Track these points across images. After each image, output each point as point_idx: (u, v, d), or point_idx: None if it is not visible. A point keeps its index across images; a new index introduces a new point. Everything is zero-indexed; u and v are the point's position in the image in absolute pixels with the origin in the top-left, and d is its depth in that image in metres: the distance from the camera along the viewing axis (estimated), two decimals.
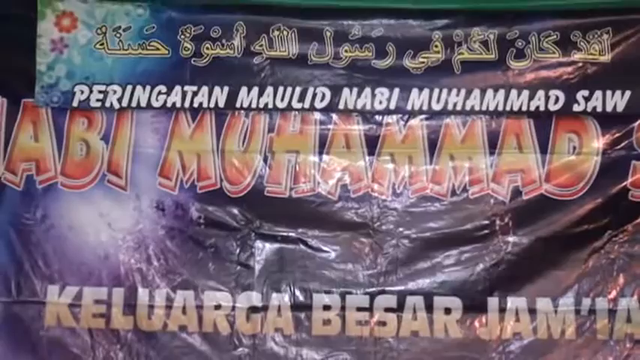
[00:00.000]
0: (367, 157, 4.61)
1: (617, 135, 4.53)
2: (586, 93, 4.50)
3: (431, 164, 4.61)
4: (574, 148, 4.56)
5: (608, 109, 4.49)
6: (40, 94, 4.53)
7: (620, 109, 4.50)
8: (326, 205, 4.62)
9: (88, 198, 4.61)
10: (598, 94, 4.50)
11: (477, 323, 4.54)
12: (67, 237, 4.62)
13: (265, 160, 4.60)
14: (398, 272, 4.62)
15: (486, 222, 4.60)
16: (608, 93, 4.50)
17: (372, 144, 4.59)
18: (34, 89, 4.52)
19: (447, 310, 4.54)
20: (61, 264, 4.63)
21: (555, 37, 4.49)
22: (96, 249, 4.59)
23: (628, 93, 4.50)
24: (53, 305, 4.60)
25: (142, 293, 4.58)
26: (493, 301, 4.53)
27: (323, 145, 4.60)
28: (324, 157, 4.60)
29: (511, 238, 4.57)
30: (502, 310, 4.53)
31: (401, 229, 4.62)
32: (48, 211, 4.63)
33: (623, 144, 4.54)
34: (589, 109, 4.49)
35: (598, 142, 4.52)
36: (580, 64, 4.52)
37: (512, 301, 4.54)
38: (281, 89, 4.56)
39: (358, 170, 4.60)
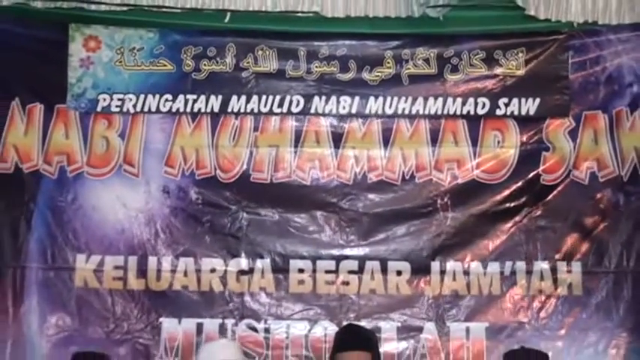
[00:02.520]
0: (333, 150, 5.24)
1: (531, 132, 5.22)
2: (506, 100, 5.21)
3: (385, 156, 5.24)
4: (498, 142, 5.24)
5: (523, 112, 5.21)
6: (71, 101, 5.17)
7: (532, 112, 5.21)
8: (300, 188, 5.24)
9: (107, 184, 5.23)
10: (515, 100, 5.21)
11: (422, 283, 5.20)
12: (92, 215, 5.21)
13: (251, 153, 5.22)
14: (359, 242, 5.25)
15: (430, 201, 5.25)
16: (523, 100, 5.21)
17: (337, 140, 5.23)
18: (66, 97, 5.17)
19: (399, 272, 5.20)
20: (87, 237, 5.20)
21: (482, 55, 5.20)
22: (114, 225, 5.19)
23: (538, 100, 5.21)
24: (81, 271, 5.17)
25: (152, 260, 5.19)
26: (435, 265, 5.20)
27: (298, 140, 5.23)
28: (299, 150, 5.23)
29: (449, 214, 5.24)
30: (442, 272, 5.19)
31: (361, 207, 5.26)
32: (76, 195, 5.22)
33: (535, 139, 5.22)
34: (508, 113, 5.22)
35: (516, 138, 5.21)
36: (501, 77, 5.23)
37: (450, 265, 5.20)
38: (264, 97, 5.21)
39: (326, 161, 5.25)
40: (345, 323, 5.02)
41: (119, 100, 5.23)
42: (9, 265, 5.17)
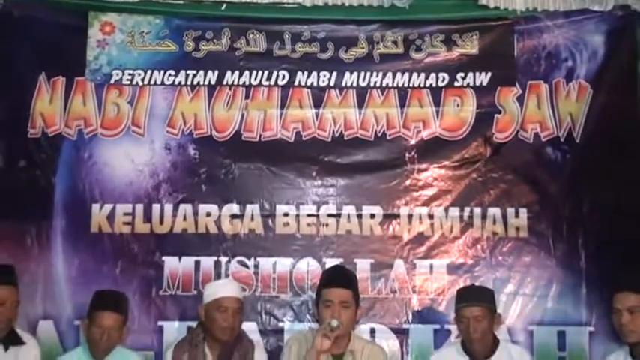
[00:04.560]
0: (314, 112, 5.59)
1: (485, 98, 5.59)
2: (463, 74, 5.60)
3: (359, 116, 5.59)
4: (457, 105, 5.59)
5: (478, 83, 5.59)
6: (89, 75, 5.54)
7: (485, 83, 5.59)
8: (285, 145, 5.57)
9: (118, 143, 5.55)
10: (470, 74, 5.60)
11: (392, 225, 5.53)
12: (105, 170, 5.53)
13: (242, 115, 5.55)
14: (337, 189, 5.59)
15: (399, 155, 5.57)
16: (477, 73, 5.59)
17: (317, 104, 5.58)
18: (85, 72, 5.54)
19: (372, 216, 5.52)
20: (101, 189, 5.52)
21: (442, 38, 5.62)
22: (123, 178, 5.52)
23: (490, 73, 5.59)
24: (96, 217, 5.48)
25: (155, 207, 5.51)
26: (404, 210, 5.54)
27: (283, 105, 5.57)
28: (284, 112, 5.58)
29: (416, 166, 5.57)
30: (410, 216, 5.53)
31: (339, 160, 5.59)
32: (92, 154, 5.54)
33: (488, 104, 5.59)
34: (465, 84, 5.59)
35: (473, 102, 5.58)
36: (458, 55, 5.63)
37: (417, 210, 5.53)
38: (254, 72, 5.57)
39: (308, 121, 5.60)
40: (324, 260, 5.45)
41: (129, 74, 5.59)
42: (38, 217, 5.46)
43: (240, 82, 5.65)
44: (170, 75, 5.64)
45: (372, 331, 5.42)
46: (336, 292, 4.43)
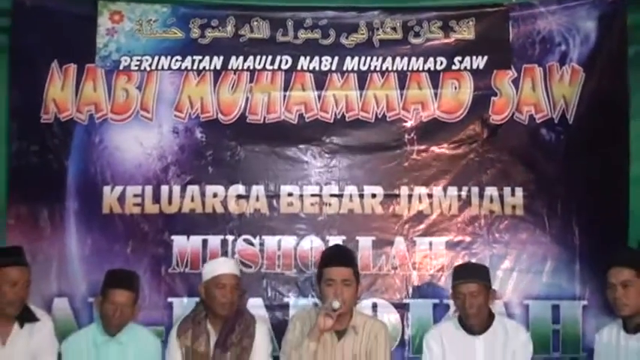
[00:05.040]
0: (316, 94, 5.67)
1: (481, 81, 5.67)
2: (460, 58, 5.68)
3: (361, 99, 5.67)
4: (455, 88, 5.66)
5: (474, 66, 5.68)
6: (98, 61, 5.63)
7: (481, 67, 5.68)
8: (289, 127, 5.66)
9: (127, 127, 5.65)
10: (467, 58, 5.68)
11: (393, 204, 5.65)
12: (115, 154, 5.64)
13: (247, 98, 5.64)
14: (339, 169, 5.68)
15: (399, 136, 5.67)
16: (474, 57, 5.68)
17: (320, 87, 5.66)
18: (95, 59, 5.64)
19: (373, 195, 5.64)
20: (111, 171, 5.64)
21: (440, 24, 5.69)
22: (133, 160, 5.63)
23: (486, 57, 5.69)
24: (107, 198, 5.61)
25: (164, 189, 5.63)
26: (404, 189, 5.64)
27: (287, 87, 5.65)
28: (287, 95, 5.66)
29: (415, 147, 5.66)
30: (410, 195, 5.64)
31: (341, 141, 5.69)
32: (102, 137, 5.65)
33: (484, 86, 5.67)
34: (462, 68, 5.67)
35: (470, 85, 5.65)
36: (455, 40, 5.72)
37: (416, 189, 5.64)
38: (258, 57, 5.65)
39: (310, 103, 5.68)
40: (328, 238, 5.61)
41: (137, 60, 5.69)
42: (51, 199, 5.60)
43: (245, 67, 5.74)
44: (177, 60, 5.74)
45: (374, 306, 5.55)
46: (338, 271, 4.59)
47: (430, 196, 5.70)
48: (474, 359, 4.77)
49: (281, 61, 5.74)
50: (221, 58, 5.74)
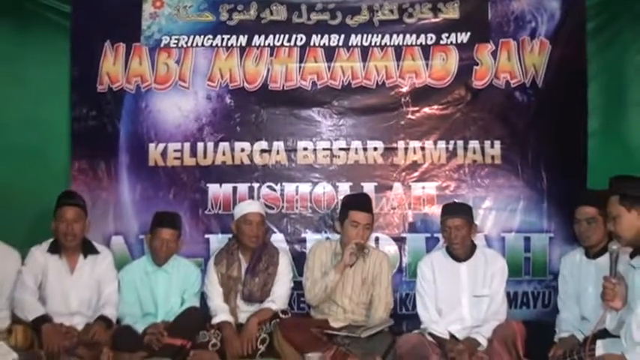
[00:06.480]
0: (326, 65, 6.24)
1: (465, 53, 6.23)
2: (447, 34, 6.26)
3: (364, 69, 6.21)
4: (443, 59, 6.21)
5: (459, 41, 6.24)
6: (143, 41, 6.27)
7: (465, 41, 6.24)
8: (304, 93, 6.24)
9: (168, 95, 6.26)
10: (453, 34, 6.24)
11: (392, 155, 6.22)
12: (158, 116, 6.25)
13: (268, 70, 6.21)
14: (346, 127, 6.27)
15: (396, 100, 6.23)
16: (459, 33, 6.23)
17: (329, 60, 6.23)
18: (140, 38, 6.27)
19: (375, 148, 6.22)
20: (155, 131, 6.24)
21: (429, 5, 6.26)
22: (173, 122, 6.25)
23: (469, 33, 6.24)
24: (152, 153, 6.20)
25: (200, 145, 6.21)
26: (401, 143, 6.22)
27: (302, 60, 6.21)
28: (302, 66, 6.24)
29: (410, 109, 6.24)
30: (406, 148, 6.22)
31: (347, 104, 6.26)
32: (147, 103, 6.26)
33: (468, 58, 6.18)
34: (449, 43, 6.23)
35: (456, 57, 6.23)
36: (443, 20, 6.27)
37: (411, 143, 6.21)
38: (277, 36, 6.25)
39: (322, 73, 6.25)
40: (337, 185, 6.22)
41: (176, 39, 6.29)
42: (107, 155, 6.21)
43: (266, 44, 6.31)
44: (209, 39, 6.33)
45: (377, 240, 6.15)
46: (362, 216, 5.28)
47: (423, 148, 6.24)
48: (459, 281, 5.24)
49: (296, 38, 6.31)
50: (246, 36, 6.32)
